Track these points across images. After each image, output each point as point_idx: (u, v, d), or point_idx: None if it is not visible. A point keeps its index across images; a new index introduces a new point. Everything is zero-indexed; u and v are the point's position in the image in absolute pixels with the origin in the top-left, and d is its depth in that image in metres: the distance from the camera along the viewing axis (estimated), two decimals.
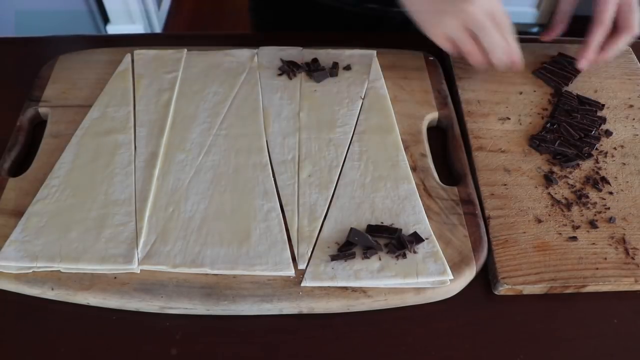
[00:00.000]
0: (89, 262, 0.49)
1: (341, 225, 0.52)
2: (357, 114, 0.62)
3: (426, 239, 0.51)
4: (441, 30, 0.58)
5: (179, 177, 0.56)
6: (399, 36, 0.74)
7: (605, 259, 0.51)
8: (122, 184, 0.55)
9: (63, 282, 0.48)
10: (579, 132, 0.61)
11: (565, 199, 0.56)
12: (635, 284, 0.50)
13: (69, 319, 0.48)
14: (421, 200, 0.54)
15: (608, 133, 0.62)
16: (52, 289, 0.48)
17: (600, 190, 0.57)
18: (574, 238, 0.53)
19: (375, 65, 0.68)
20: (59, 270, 0.49)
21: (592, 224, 0.54)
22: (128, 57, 0.68)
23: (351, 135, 0.60)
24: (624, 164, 0.59)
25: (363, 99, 0.64)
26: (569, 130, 0.61)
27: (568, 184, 0.57)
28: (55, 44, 0.74)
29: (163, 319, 0.48)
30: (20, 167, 0.58)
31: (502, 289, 0.50)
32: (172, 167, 0.57)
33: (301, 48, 0.70)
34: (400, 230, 0.51)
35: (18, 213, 0.52)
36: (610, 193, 0.57)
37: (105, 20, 1.93)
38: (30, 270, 0.49)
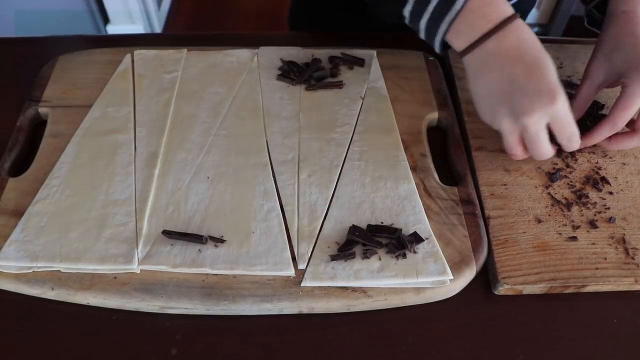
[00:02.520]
0: (89, 262, 0.49)
1: (341, 225, 0.52)
2: (357, 114, 0.62)
3: (426, 239, 0.51)
4: (495, 126, 0.53)
5: (179, 177, 0.56)
6: (399, 36, 0.73)
7: (605, 259, 0.51)
8: (122, 184, 0.55)
9: (63, 282, 0.48)
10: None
11: (565, 199, 0.56)
12: (635, 284, 0.50)
13: (69, 319, 0.48)
14: (421, 200, 0.54)
15: None
16: (52, 289, 0.48)
17: (600, 190, 0.57)
18: (574, 238, 0.53)
19: (375, 65, 0.68)
20: (59, 270, 0.49)
21: (592, 224, 0.54)
22: (128, 57, 0.68)
23: (351, 135, 0.60)
24: (624, 164, 0.59)
25: (363, 99, 0.64)
26: None
27: (568, 184, 0.57)
28: (55, 44, 0.74)
29: (163, 319, 0.48)
30: (20, 167, 0.58)
31: (502, 289, 0.50)
32: (172, 167, 0.57)
33: (301, 48, 0.70)
34: (400, 230, 0.51)
35: (18, 213, 0.52)
36: (610, 193, 0.57)
37: (105, 20, 1.93)
38: (31, 270, 0.49)
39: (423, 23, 0.53)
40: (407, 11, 0.54)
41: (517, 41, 0.49)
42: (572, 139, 0.53)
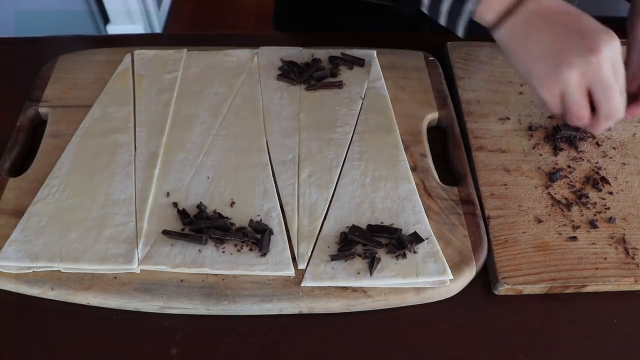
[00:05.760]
0: (89, 262, 0.49)
1: (341, 225, 0.52)
2: (357, 114, 0.62)
3: (426, 239, 0.51)
4: (559, 85, 0.48)
5: (179, 177, 0.56)
6: (399, 36, 0.73)
7: (605, 259, 0.51)
8: (122, 184, 0.55)
9: (63, 282, 0.48)
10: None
11: (565, 199, 0.56)
12: (635, 284, 0.50)
13: (69, 319, 0.48)
14: (421, 200, 0.54)
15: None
16: (52, 289, 0.48)
17: (600, 190, 0.57)
18: (574, 238, 0.53)
19: (375, 65, 0.68)
20: (59, 270, 0.49)
21: (592, 224, 0.54)
22: (128, 57, 0.68)
23: (351, 135, 0.60)
24: (624, 164, 0.59)
25: (363, 99, 0.64)
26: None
27: (568, 184, 0.57)
28: (55, 44, 0.74)
29: (163, 319, 0.48)
30: (20, 167, 0.58)
31: (502, 289, 0.50)
32: (172, 167, 0.57)
33: (301, 48, 0.70)
34: (400, 230, 0.51)
35: (18, 213, 0.52)
36: (610, 193, 0.57)
37: (105, 20, 1.92)
38: (31, 270, 0.49)
39: (445, 6, 0.52)
40: None
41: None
42: (614, 110, 0.49)
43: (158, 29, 2.03)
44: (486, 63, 0.69)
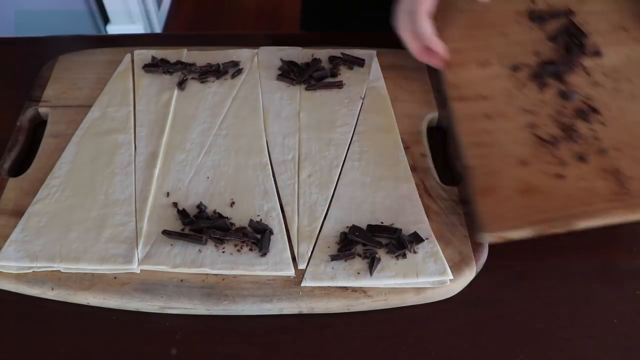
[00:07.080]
0: (89, 262, 0.49)
1: (341, 225, 0.52)
2: (357, 114, 0.62)
3: (426, 239, 0.51)
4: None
5: (179, 177, 0.56)
6: (399, 36, 0.73)
7: (596, 192, 0.49)
8: (122, 184, 0.55)
9: (63, 282, 0.48)
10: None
11: (553, 137, 0.53)
12: (628, 214, 0.48)
13: (69, 319, 0.48)
14: (421, 200, 0.54)
15: (597, 53, 0.60)
16: (52, 289, 0.48)
17: (590, 122, 0.54)
18: (562, 176, 0.51)
19: (375, 65, 0.68)
20: (59, 270, 0.49)
21: (582, 159, 0.51)
22: (128, 57, 0.68)
23: (351, 135, 0.60)
24: (617, 90, 0.56)
25: (363, 99, 0.64)
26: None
27: (555, 120, 0.54)
28: (55, 44, 0.74)
29: (163, 319, 0.48)
30: (20, 167, 0.58)
31: (488, 238, 0.49)
32: (172, 167, 0.57)
33: (301, 48, 0.70)
34: (400, 230, 0.51)
35: (18, 213, 0.52)
36: (602, 123, 0.54)
37: (105, 20, 1.92)
38: (30, 270, 0.49)
39: None
40: None
41: None
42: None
43: (158, 29, 2.03)
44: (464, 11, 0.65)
